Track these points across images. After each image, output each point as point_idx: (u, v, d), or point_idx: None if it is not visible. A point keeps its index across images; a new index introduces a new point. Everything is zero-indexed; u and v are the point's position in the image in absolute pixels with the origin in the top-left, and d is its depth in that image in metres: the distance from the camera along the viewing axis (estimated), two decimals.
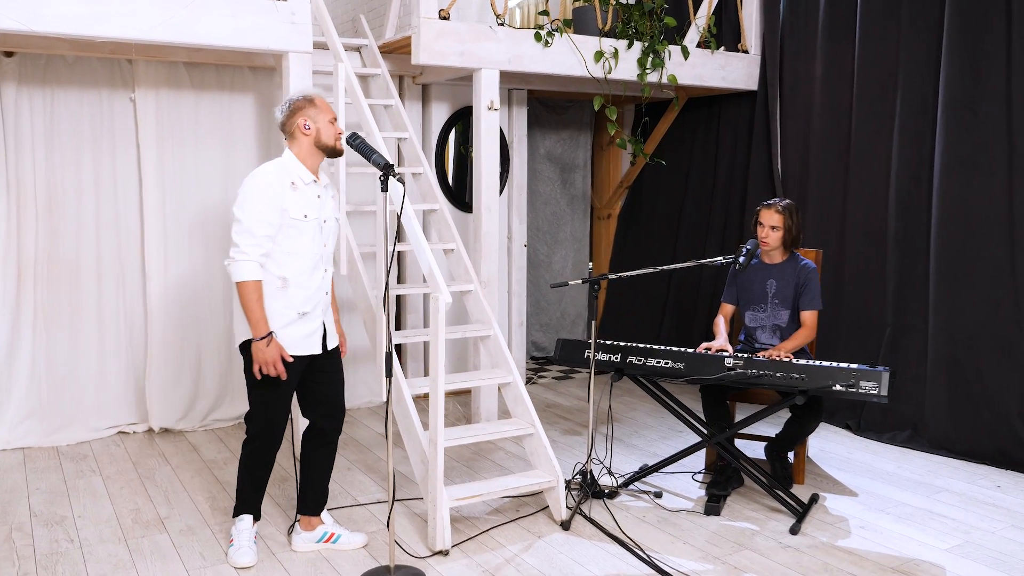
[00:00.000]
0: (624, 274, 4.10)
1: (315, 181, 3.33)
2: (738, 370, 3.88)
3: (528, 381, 6.59)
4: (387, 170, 3.17)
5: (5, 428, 4.96)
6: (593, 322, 4.07)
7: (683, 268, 4.21)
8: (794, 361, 3.81)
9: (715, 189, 6.49)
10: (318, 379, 3.47)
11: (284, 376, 3.25)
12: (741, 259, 4.09)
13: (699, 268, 6.14)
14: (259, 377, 3.23)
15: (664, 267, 4.17)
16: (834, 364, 3.73)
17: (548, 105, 7.16)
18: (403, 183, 3.17)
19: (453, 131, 6.05)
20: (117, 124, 5.08)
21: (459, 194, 6.14)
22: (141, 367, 5.28)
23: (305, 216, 3.25)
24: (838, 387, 3.66)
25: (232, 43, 4.27)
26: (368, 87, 5.52)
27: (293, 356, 3.30)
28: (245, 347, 3.31)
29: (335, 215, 3.47)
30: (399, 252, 5.23)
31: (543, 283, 7.37)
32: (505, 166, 6.20)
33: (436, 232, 4.81)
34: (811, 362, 3.79)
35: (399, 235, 4.73)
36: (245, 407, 5.52)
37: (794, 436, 4.21)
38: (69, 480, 4.45)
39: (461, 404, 5.92)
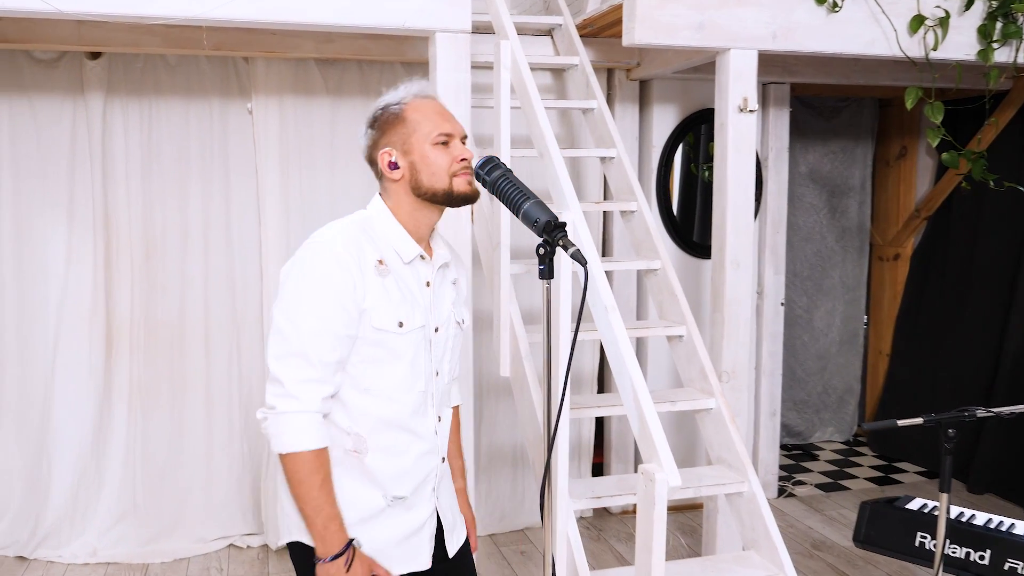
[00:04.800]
0: (1006, 410, 2.20)
1: (423, 257, 1.78)
2: None
3: (781, 493, 4.69)
4: (549, 235, 1.54)
5: (93, 534, 3.85)
6: (945, 496, 2.20)
7: None
8: None
9: None
10: None
11: None
12: None
13: None
14: None
15: None
16: None
17: (813, 106, 5.23)
18: (583, 261, 1.52)
19: (682, 144, 4.33)
20: (231, 143, 3.83)
21: (685, 231, 4.40)
22: (259, 461, 4.00)
23: (400, 324, 1.70)
24: None
25: (344, 21, 2.82)
26: (563, 84, 3.94)
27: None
28: (298, 551, 1.79)
29: (461, 315, 1.90)
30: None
31: (799, 346, 5.43)
32: (757, 192, 4.38)
33: (656, 304, 3.11)
34: None
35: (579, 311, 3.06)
36: None
37: None
38: None
39: (684, 532, 4.17)
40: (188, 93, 3.76)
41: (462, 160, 1.74)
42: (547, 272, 1.55)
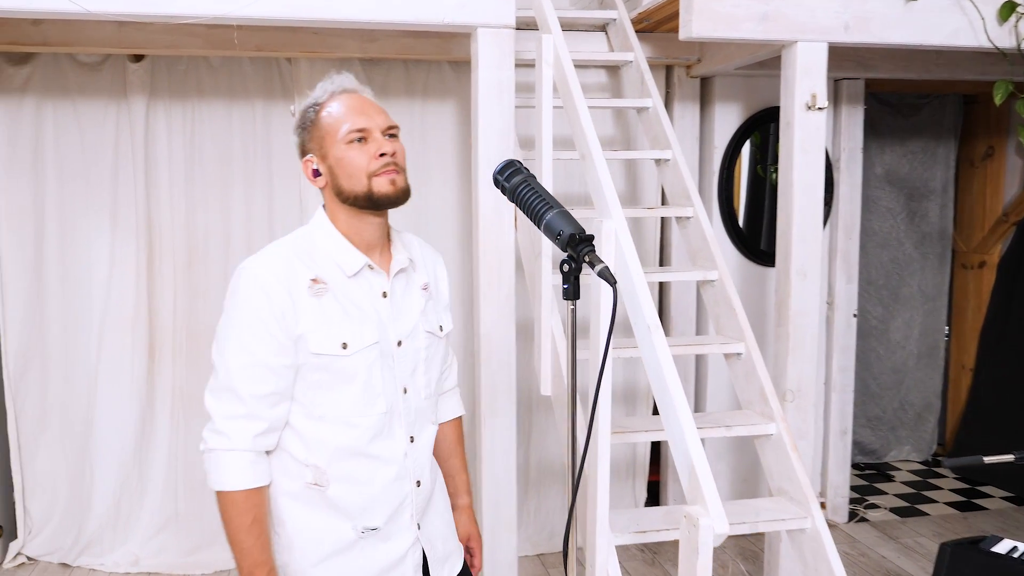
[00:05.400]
0: None
1: (371, 267, 1.62)
2: None
3: (852, 518, 4.39)
4: (574, 249, 1.35)
5: (136, 543, 3.80)
6: None
7: None
8: None
9: None
10: None
11: None
12: None
13: None
14: None
15: None
16: None
17: (890, 103, 4.91)
18: (612, 280, 1.32)
19: (748, 144, 4.07)
20: (275, 145, 3.73)
21: (752, 238, 4.13)
22: None
23: (344, 346, 1.55)
24: None
25: (378, 17, 2.68)
26: (619, 82, 3.74)
27: None
28: None
29: (436, 322, 1.73)
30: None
31: (873, 359, 5.10)
32: (828, 195, 4.10)
33: (712, 319, 2.88)
34: None
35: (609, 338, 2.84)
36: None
37: None
38: None
39: (745, 558, 3.91)
40: (231, 95, 3.67)
41: (381, 155, 1.56)
42: (572, 292, 1.36)
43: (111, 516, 3.77)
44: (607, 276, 1.31)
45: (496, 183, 1.49)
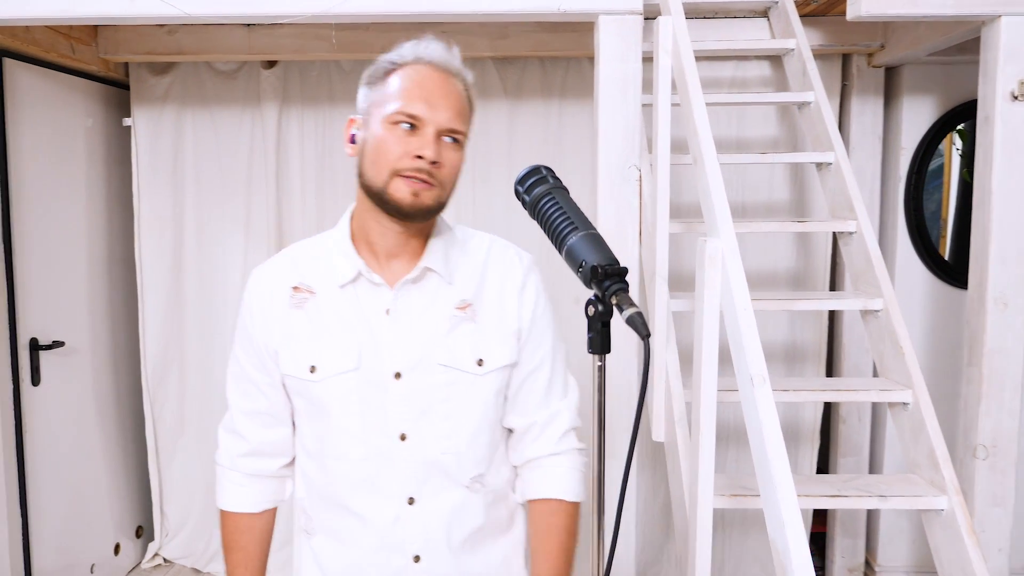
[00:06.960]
0: None
1: (364, 277, 1.32)
2: None
3: None
4: (599, 286, 0.99)
5: None
6: None
7: None
8: None
9: None
10: None
11: None
12: None
13: None
14: None
15: None
16: None
17: None
18: (644, 332, 0.95)
19: (954, 145, 3.43)
20: None
21: (960, 259, 3.45)
22: None
23: (312, 370, 1.28)
24: None
25: (485, 8, 2.40)
26: (783, 75, 3.26)
27: None
28: None
29: (463, 354, 1.30)
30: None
31: None
32: None
33: (875, 357, 2.36)
34: None
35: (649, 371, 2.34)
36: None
37: None
38: None
39: None
40: None
41: (417, 158, 1.23)
42: (599, 343, 1.01)
43: None
44: (637, 325, 0.95)
45: (517, 194, 1.17)
